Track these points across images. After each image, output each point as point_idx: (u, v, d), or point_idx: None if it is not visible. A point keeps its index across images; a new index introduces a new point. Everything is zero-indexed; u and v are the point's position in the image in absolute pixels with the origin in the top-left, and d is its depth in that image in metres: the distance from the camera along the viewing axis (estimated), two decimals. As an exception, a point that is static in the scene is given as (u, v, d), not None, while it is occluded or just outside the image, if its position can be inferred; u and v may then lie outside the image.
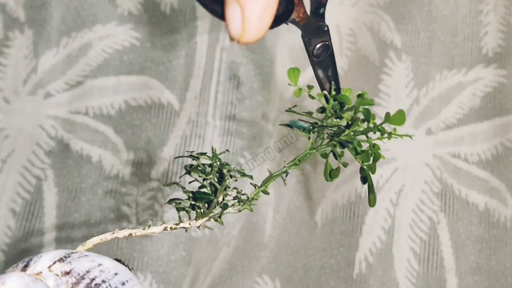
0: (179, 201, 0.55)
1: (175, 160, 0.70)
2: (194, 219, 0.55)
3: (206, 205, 0.55)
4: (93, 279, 0.49)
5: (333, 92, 0.56)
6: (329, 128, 0.56)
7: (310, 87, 0.57)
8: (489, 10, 0.76)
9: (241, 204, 0.56)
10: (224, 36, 0.74)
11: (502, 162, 0.71)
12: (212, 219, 0.55)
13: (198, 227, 0.55)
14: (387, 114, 0.55)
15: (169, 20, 0.75)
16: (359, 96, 0.56)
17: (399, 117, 0.55)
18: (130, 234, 0.55)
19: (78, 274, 0.49)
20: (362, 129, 0.55)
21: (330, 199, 0.70)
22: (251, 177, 0.57)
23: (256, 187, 0.57)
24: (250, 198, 0.56)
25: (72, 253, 0.51)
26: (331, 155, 0.57)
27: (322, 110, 0.57)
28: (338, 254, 0.68)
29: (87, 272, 0.49)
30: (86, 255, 0.51)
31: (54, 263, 0.49)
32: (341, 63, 0.76)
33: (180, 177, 0.69)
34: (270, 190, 0.72)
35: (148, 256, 0.67)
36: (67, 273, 0.49)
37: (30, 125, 0.72)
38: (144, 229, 0.55)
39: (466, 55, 0.75)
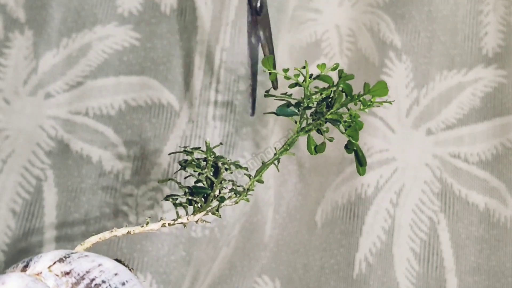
0: (176, 197, 0.55)
1: (175, 160, 0.70)
2: (192, 214, 0.55)
3: (203, 199, 0.55)
4: (93, 279, 0.49)
5: (307, 70, 0.56)
6: (311, 107, 0.56)
7: (285, 70, 0.57)
8: (489, 10, 0.76)
9: (238, 196, 0.56)
10: (224, 36, 0.74)
11: (502, 162, 0.71)
12: (209, 213, 0.56)
13: (196, 221, 0.55)
14: (366, 85, 0.56)
15: (169, 20, 0.75)
16: (340, 73, 0.56)
17: (380, 88, 0.55)
18: (129, 232, 0.55)
19: (78, 274, 0.49)
20: (343, 101, 0.56)
21: (330, 199, 0.70)
22: (246, 168, 0.57)
23: (251, 177, 0.57)
24: (245, 189, 0.56)
25: (72, 253, 0.51)
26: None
27: (295, 85, 0.57)
28: (338, 254, 0.68)
29: (87, 272, 0.49)
30: (86, 255, 0.51)
31: (54, 263, 0.49)
32: (341, 63, 0.76)
33: (174, 173, 0.69)
34: (270, 190, 0.72)
35: (148, 256, 0.67)
36: (67, 273, 0.49)
37: (30, 125, 0.72)
38: (142, 226, 0.55)
39: (466, 55, 0.75)
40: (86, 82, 0.73)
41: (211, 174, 0.55)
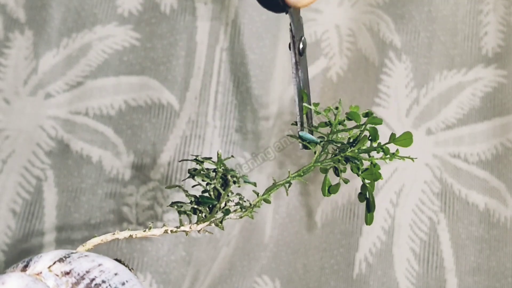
0: (181, 205, 0.55)
1: (175, 161, 0.70)
2: (195, 223, 0.55)
3: (208, 209, 0.55)
4: (93, 279, 0.49)
5: (339, 110, 0.56)
6: (335, 143, 0.56)
7: (316, 104, 0.57)
8: (489, 10, 0.76)
9: (243, 210, 0.56)
10: (224, 36, 0.74)
11: (502, 162, 0.71)
12: (213, 224, 0.56)
13: (199, 231, 0.55)
14: (393, 135, 0.55)
15: (169, 21, 0.75)
16: (367, 114, 0.56)
17: (405, 139, 0.55)
18: (131, 236, 0.55)
19: (78, 274, 0.49)
20: (366, 147, 0.56)
21: (330, 200, 0.70)
22: (254, 184, 0.57)
23: (259, 195, 0.57)
24: (252, 205, 0.56)
25: (72, 253, 0.51)
26: (330, 170, 0.58)
27: (326, 124, 0.57)
28: (338, 254, 0.68)
29: (87, 272, 0.49)
30: (86, 255, 0.51)
31: (54, 263, 0.49)
32: (341, 63, 0.76)
33: (183, 181, 0.69)
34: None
35: (148, 256, 0.67)
36: (67, 273, 0.49)
37: (30, 125, 0.72)
38: (144, 231, 0.55)
39: (466, 55, 0.75)
40: (86, 82, 0.73)
41: (219, 185, 0.55)
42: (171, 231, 0.55)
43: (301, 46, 0.61)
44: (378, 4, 0.76)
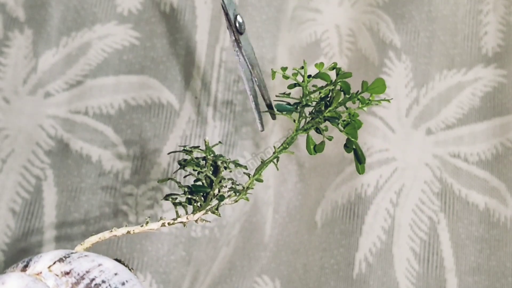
0: (175, 196, 0.55)
1: (175, 160, 0.70)
2: (192, 213, 0.55)
3: (203, 198, 0.55)
4: (93, 279, 0.49)
5: (305, 70, 0.57)
6: (310, 105, 0.56)
7: (283, 69, 0.57)
8: (488, 10, 0.76)
9: (237, 194, 0.56)
10: (224, 35, 0.74)
11: (502, 162, 0.71)
12: (209, 212, 0.56)
13: (196, 221, 0.55)
14: (365, 83, 0.56)
15: (169, 20, 0.75)
16: (334, 69, 0.56)
17: (378, 86, 0.56)
18: (128, 232, 0.55)
19: (78, 274, 0.49)
20: (341, 100, 0.56)
21: (330, 199, 0.71)
22: (245, 167, 0.57)
23: (250, 176, 0.57)
24: (245, 188, 0.56)
25: (72, 253, 0.51)
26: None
27: (294, 85, 0.57)
28: (338, 254, 0.68)
29: (87, 272, 0.49)
30: (86, 255, 0.51)
31: (54, 263, 0.49)
32: (341, 63, 0.76)
33: (174, 172, 0.69)
34: (269, 189, 0.72)
35: (148, 256, 0.67)
36: (67, 273, 0.49)
37: (30, 124, 0.72)
38: (142, 226, 0.55)
39: (465, 55, 0.75)
40: (86, 81, 0.73)
41: (211, 172, 0.55)
42: (168, 223, 0.55)
43: (237, 23, 0.61)
44: (378, 4, 0.76)
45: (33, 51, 0.74)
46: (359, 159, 0.57)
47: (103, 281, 0.49)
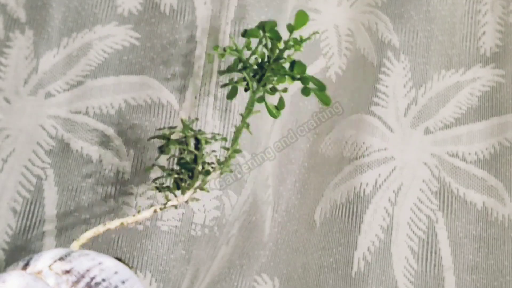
0: (162, 182, 0.56)
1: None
2: (181, 195, 0.55)
3: (189, 177, 0.55)
4: (93, 278, 0.49)
5: (233, 39, 0.57)
6: (255, 65, 0.57)
7: (215, 47, 0.57)
8: (486, 10, 0.76)
9: (221, 167, 0.56)
10: (224, 36, 0.74)
11: (500, 161, 0.71)
12: (198, 190, 0.55)
13: (187, 201, 0.55)
14: (289, 25, 0.56)
15: (169, 20, 0.75)
16: (261, 24, 0.57)
17: (300, 19, 0.56)
18: (122, 223, 0.55)
19: (79, 273, 0.49)
20: (278, 50, 0.57)
21: (329, 198, 0.71)
22: (225, 139, 0.57)
23: (229, 149, 0.57)
24: (226, 158, 0.56)
25: (72, 251, 0.52)
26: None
27: (239, 60, 0.58)
28: (337, 253, 0.69)
29: (88, 270, 0.50)
30: (86, 254, 0.51)
31: (55, 261, 0.50)
32: (340, 63, 0.76)
33: (156, 159, 0.69)
34: (269, 189, 0.72)
35: (147, 255, 0.68)
36: (67, 271, 0.49)
37: (31, 124, 0.72)
38: (134, 215, 0.55)
39: (464, 55, 0.75)
40: (86, 81, 0.74)
41: (193, 148, 0.55)
42: (160, 208, 0.55)
43: None
44: (376, 4, 0.77)
45: (34, 52, 0.74)
46: (320, 87, 0.57)
47: (104, 280, 0.50)
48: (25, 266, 0.50)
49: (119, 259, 0.56)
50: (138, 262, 0.67)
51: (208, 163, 0.56)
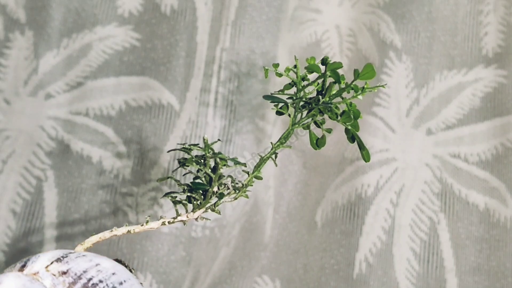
0: (175, 195, 0.55)
1: (175, 160, 0.70)
2: (192, 211, 0.55)
3: (202, 196, 0.55)
4: (90, 279, 0.49)
5: (297, 66, 0.57)
6: (304, 99, 0.56)
7: (275, 65, 0.57)
8: (489, 10, 0.76)
9: (236, 192, 0.56)
10: (224, 36, 0.74)
11: (502, 162, 0.71)
12: (209, 210, 0.55)
13: (196, 219, 0.55)
14: (356, 71, 0.56)
15: (169, 21, 0.75)
16: (323, 61, 0.57)
17: (368, 71, 0.56)
18: (129, 231, 0.55)
19: (75, 274, 0.49)
20: (336, 91, 0.56)
21: (330, 199, 0.71)
22: (244, 165, 0.57)
23: (249, 174, 0.57)
24: (244, 185, 0.56)
25: (70, 253, 0.52)
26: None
27: (291, 85, 0.58)
28: (338, 254, 0.68)
29: (84, 272, 0.49)
30: (83, 255, 0.51)
31: (52, 263, 0.50)
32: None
33: (173, 171, 0.69)
34: (270, 190, 0.72)
35: (148, 256, 0.68)
36: (64, 273, 0.49)
37: (31, 126, 0.72)
38: (142, 225, 0.55)
39: (466, 55, 0.75)
40: (87, 82, 0.74)
41: (210, 170, 0.55)
42: (168, 222, 0.55)
43: None
44: (378, 4, 0.76)
45: (34, 53, 0.74)
46: (361, 146, 0.57)
47: (101, 281, 0.49)
48: (22, 268, 0.50)
49: (119, 261, 0.56)
50: (139, 264, 0.67)
51: (225, 185, 0.55)
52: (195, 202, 0.55)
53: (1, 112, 0.72)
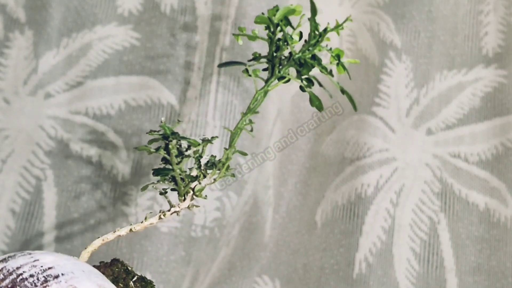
0: (154, 186, 0.55)
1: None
2: (181, 201, 0.55)
3: (173, 182, 0.55)
4: (20, 274, 0.49)
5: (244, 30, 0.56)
6: (284, 57, 0.55)
7: (241, 29, 0.56)
8: (489, 10, 0.76)
9: (215, 168, 0.55)
10: (224, 36, 0.74)
11: (502, 162, 0.71)
12: (194, 196, 0.55)
13: (188, 207, 0.55)
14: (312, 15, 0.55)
15: (169, 20, 0.75)
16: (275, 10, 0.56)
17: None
18: (131, 230, 0.55)
19: (8, 271, 0.49)
20: (313, 41, 0.55)
21: (330, 199, 0.70)
22: (211, 141, 0.55)
23: (225, 149, 0.56)
24: (222, 162, 0.55)
25: (18, 254, 0.51)
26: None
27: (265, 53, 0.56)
28: (338, 254, 0.68)
29: (18, 268, 0.49)
30: (29, 253, 0.51)
31: None
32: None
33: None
34: (269, 190, 0.72)
35: (147, 256, 0.67)
36: None
37: (30, 125, 0.72)
38: (142, 222, 0.55)
39: (466, 55, 0.75)
40: (86, 82, 0.73)
41: (177, 153, 0.54)
42: (164, 214, 0.55)
43: None
44: (378, 4, 0.76)
45: (34, 52, 0.74)
46: (349, 98, 0.56)
47: (31, 275, 0.49)
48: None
49: (118, 261, 0.55)
50: (138, 264, 0.67)
51: (200, 168, 0.55)
52: (182, 188, 0.55)
53: (0, 111, 0.72)
